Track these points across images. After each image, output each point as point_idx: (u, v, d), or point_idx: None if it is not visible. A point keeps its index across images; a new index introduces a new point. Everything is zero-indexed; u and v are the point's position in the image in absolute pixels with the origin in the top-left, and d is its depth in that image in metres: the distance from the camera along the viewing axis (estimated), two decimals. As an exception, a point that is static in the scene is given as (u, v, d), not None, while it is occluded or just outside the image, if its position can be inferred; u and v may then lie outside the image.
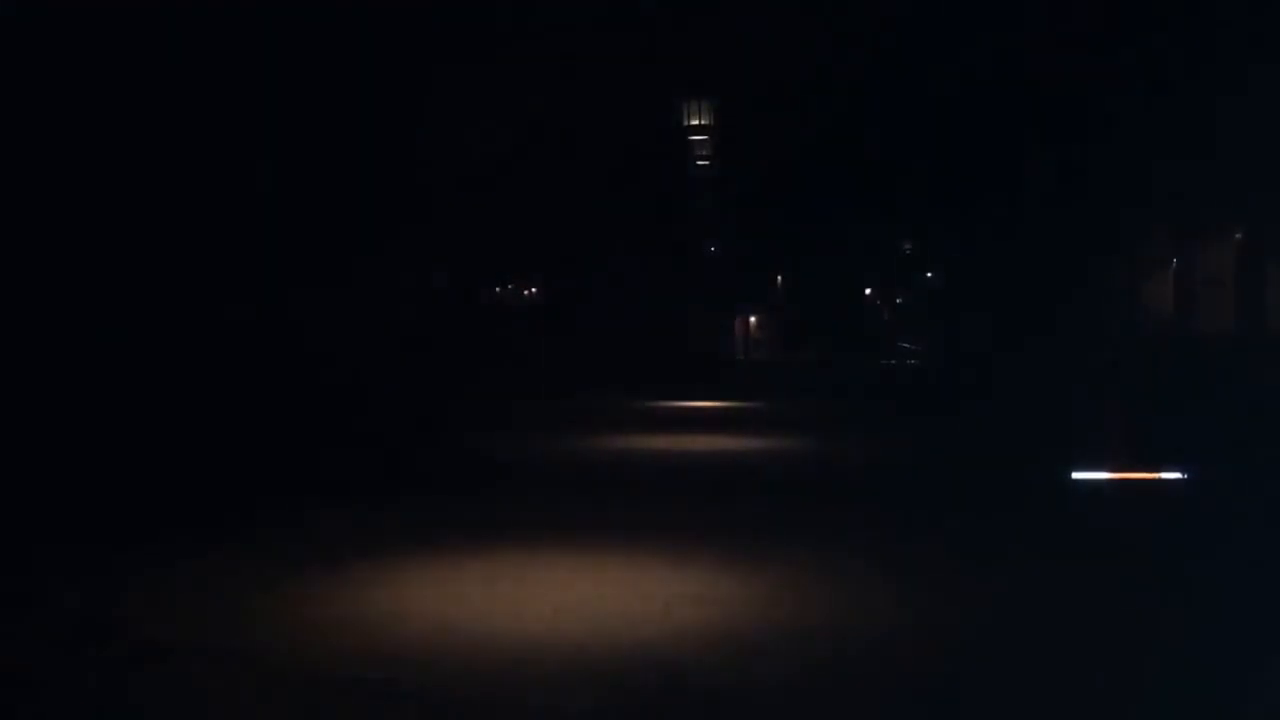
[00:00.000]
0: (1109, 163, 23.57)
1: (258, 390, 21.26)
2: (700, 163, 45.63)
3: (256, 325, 22.20)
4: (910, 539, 11.43)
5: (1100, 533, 11.74)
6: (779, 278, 60.28)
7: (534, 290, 42.85)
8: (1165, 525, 12.25)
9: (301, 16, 21.35)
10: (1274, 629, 8.05)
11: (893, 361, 51.28)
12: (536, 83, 28.14)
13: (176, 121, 19.54)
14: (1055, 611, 8.66)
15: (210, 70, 19.98)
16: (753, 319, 62.37)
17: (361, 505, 13.50)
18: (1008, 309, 30.06)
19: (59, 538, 11.28)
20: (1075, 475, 14.58)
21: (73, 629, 8.05)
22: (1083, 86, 23.55)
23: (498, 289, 40.10)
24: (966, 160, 29.80)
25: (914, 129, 31.69)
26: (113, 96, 18.24)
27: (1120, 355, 23.32)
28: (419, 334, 29.62)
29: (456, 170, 28.52)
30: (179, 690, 6.86)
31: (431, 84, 26.07)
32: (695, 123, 43.14)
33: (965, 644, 7.82)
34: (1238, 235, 20.33)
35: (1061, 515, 12.80)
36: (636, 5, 28.67)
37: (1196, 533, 11.72)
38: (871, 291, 62.56)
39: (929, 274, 47.55)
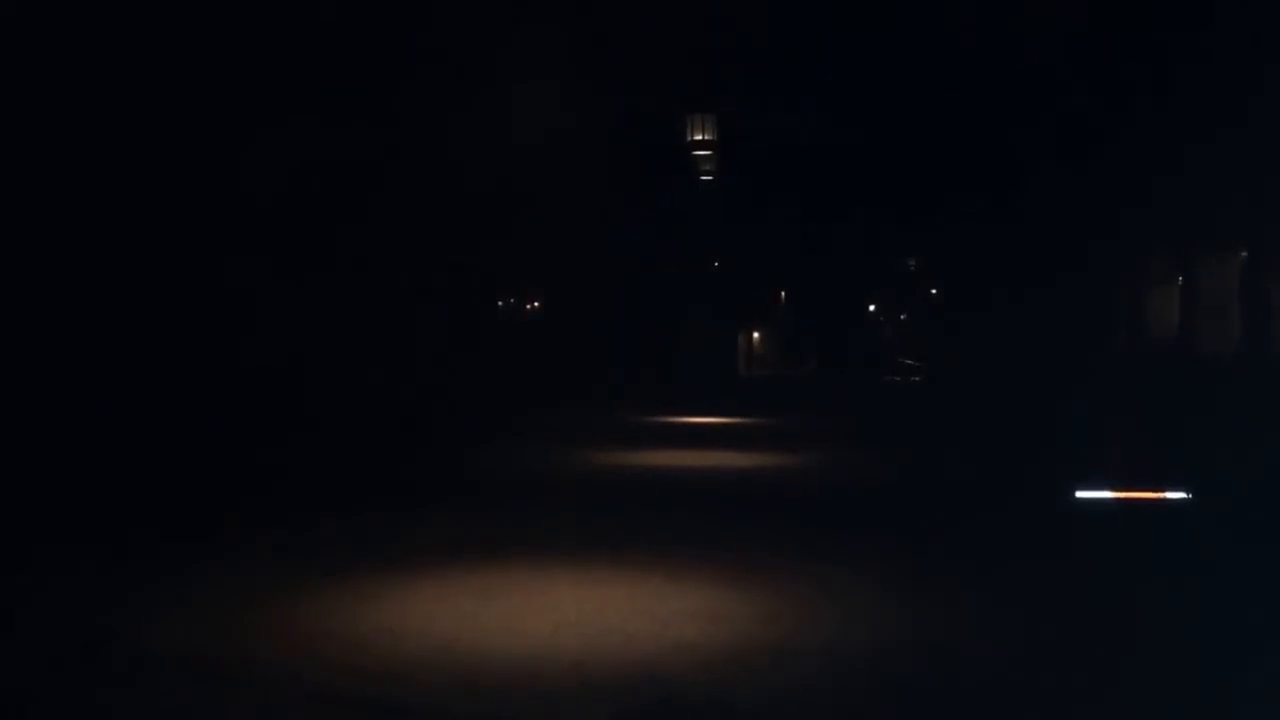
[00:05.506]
0: (1113, 180, 23.55)
1: (257, 394, 21.23)
2: (704, 178, 45.71)
3: (255, 329, 22.18)
4: (912, 556, 11.35)
5: (1104, 551, 11.67)
6: (782, 294, 60.25)
7: (536, 304, 42.84)
8: (1169, 545, 12.17)
9: (300, 17, 21.33)
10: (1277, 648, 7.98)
11: (896, 378, 51.23)
12: (537, 89, 28.16)
13: (173, 120, 19.52)
14: (1056, 630, 8.60)
15: (208, 70, 19.95)
16: (755, 335, 62.29)
17: (360, 515, 13.45)
18: (1009, 324, 30.03)
19: (49, 539, 11.24)
20: (1079, 494, 14.50)
21: (65, 642, 7.98)
22: (1088, 102, 23.56)
23: (500, 303, 40.05)
24: (970, 174, 29.81)
25: (916, 142, 31.70)
26: (118, 92, 18.21)
27: (1125, 374, 23.26)
28: (421, 343, 29.64)
29: (457, 179, 28.52)
30: (176, 704, 6.79)
31: (432, 89, 26.08)
32: (699, 138, 43.24)
33: (967, 663, 7.75)
34: (1243, 254, 20.30)
35: (1065, 534, 12.72)
36: (637, 15, 28.68)
37: (1201, 552, 11.63)
38: (875, 309, 62.56)
39: (933, 290, 47.55)
